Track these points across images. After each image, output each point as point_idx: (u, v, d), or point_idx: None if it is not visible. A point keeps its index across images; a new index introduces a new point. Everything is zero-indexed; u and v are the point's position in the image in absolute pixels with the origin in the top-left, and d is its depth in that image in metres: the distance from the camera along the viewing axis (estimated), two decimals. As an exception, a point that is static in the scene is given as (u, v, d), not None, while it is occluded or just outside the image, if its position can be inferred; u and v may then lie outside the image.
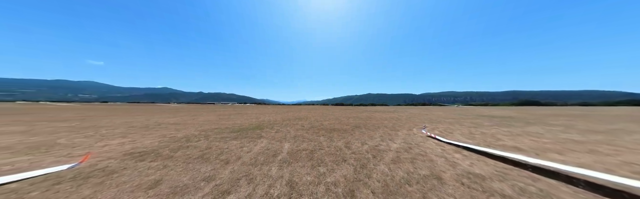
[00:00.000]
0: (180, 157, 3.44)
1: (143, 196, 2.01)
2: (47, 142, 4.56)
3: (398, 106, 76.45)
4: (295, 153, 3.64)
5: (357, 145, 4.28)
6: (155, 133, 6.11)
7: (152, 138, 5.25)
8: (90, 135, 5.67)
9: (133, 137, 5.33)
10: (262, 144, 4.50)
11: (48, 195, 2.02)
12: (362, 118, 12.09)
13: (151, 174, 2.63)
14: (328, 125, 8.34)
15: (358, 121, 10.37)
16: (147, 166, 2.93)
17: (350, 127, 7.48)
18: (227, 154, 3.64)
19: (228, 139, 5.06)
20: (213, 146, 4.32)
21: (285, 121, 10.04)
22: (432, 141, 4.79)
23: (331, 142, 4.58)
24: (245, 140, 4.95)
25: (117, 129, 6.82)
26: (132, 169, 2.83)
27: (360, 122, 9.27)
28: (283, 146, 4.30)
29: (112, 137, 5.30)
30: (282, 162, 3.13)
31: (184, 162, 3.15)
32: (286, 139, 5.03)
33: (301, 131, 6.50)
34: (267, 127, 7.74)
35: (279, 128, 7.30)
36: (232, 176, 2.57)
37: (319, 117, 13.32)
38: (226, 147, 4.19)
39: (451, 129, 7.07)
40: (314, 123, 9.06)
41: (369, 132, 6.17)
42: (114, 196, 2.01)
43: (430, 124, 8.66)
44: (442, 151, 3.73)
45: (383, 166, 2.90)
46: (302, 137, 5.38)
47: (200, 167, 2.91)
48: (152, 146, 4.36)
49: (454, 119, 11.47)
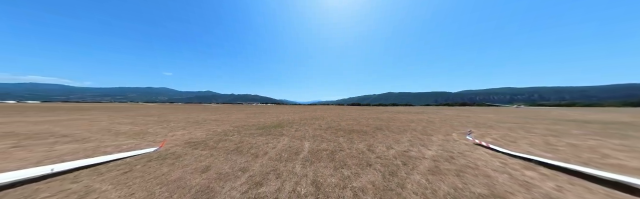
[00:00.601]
0: (221, 148, 4.14)
1: (198, 178, 2.53)
2: (142, 131, 6.49)
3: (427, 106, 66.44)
4: (316, 153, 3.73)
5: (382, 149, 4.02)
6: (203, 127, 7.63)
7: (201, 131, 6.59)
8: (164, 127, 7.70)
9: (189, 130, 6.84)
10: (284, 141, 4.83)
11: (145, 168, 2.89)
12: (384, 119, 11.29)
13: (203, 160, 3.29)
14: (346, 126, 8.16)
15: (379, 122, 9.74)
16: (200, 154, 3.68)
17: (371, 129, 7.05)
18: (256, 148, 4.11)
19: (255, 135, 5.72)
20: (244, 140, 4.99)
21: (303, 121, 10.41)
22: (483, 150, 3.94)
23: (352, 144, 4.47)
24: (269, 137, 5.46)
25: (179, 123, 8.89)
26: (190, 155, 3.62)
27: (381, 124, 8.78)
28: (303, 144, 4.47)
29: (177, 129, 6.95)
30: (304, 160, 3.26)
31: (224, 152, 3.77)
32: (306, 138, 5.22)
33: (319, 131, 6.60)
34: (287, 126, 8.23)
35: (298, 127, 7.64)
36: (262, 169, 2.87)
37: (335, 117, 13.23)
38: (254, 142, 4.76)
39: (512, 137, 5.60)
40: (330, 123, 9.07)
41: (394, 136, 5.70)
42: (180, 175, 2.63)
43: (477, 129, 7.31)
44: (502, 166, 2.97)
45: (418, 176, 2.59)
46: (321, 137, 5.45)
47: (236, 158, 3.40)
48: (202, 137, 5.46)
49: (515, 123, 9.23)
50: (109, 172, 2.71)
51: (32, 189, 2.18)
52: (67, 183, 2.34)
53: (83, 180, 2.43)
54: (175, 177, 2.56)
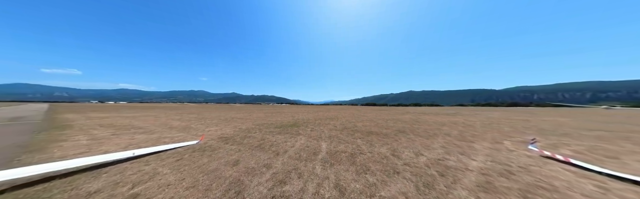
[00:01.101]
0: (247, 144, 4.59)
1: (230, 171, 2.85)
2: (187, 126, 7.89)
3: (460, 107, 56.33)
4: (334, 154, 3.65)
5: (409, 155, 3.60)
6: (231, 124, 8.67)
7: (230, 128, 7.50)
8: (202, 123, 9.17)
9: (221, 126, 7.91)
10: (302, 141, 4.94)
11: (191, 158, 3.49)
12: (406, 121, 10.26)
13: (232, 154, 3.71)
14: (363, 127, 7.77)
15: (400, 124, 8.90)
16: (230, 148, 4.16)
17: (392, 132, 6.48)
18: (276, 146, 4.35)
19: (274, 133, 6.10)
20: (265, 138, 5.39)
21: (317, 121, 10.49)
22: (559, 166, 2.98)
23: (372, 147, 4.20)
24: (287, 136, 5.71)
25: (213, 120, 10.42)
26: (222, 149, 4.15)
27: (404, 126, 8.15)
28: (321, 145, 4.47)
29: (211, 126, 8.11)
30: (323, 162, 3.21)
31: (249, 148, 4.15)
32: (322, 139, 5.21)
33: (335, 132, 6.50)
34: (302, 125, 8.45)
35: (313, 127, 7.73)
36: (284, 167, 2.98)
37: (349, 118, 12.84)
38: (274, 140, 5.06)
39: (611, 150, 3.99)
40: (346, 124, 8.82)
41: (422, 140, 5.07)
42: (216, 166, 3.03)
43: (543, 137, 5.65)
44: (601, 191, 2.08)
45: (463, 191, 2.13)
46: (338, 138, 5.34)
47: (260, 154, 3.68)
48: (231, 133, 6.19)
49: (609, 131, 6.74)
50: (167, 158, 3.40)
51: (123, 167, 2.96)
52: (142, 165, 3.05)
53: (151, 164, 3.12)
54: (213, 168, 2.97)
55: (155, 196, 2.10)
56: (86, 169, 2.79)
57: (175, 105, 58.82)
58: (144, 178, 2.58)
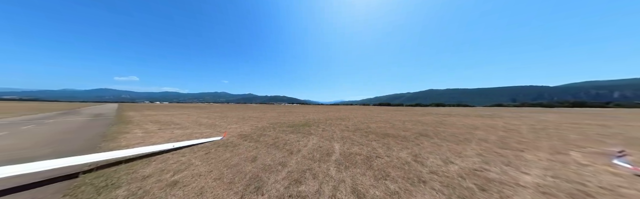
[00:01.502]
0: (263, 142, 4.89)
1: (250, 166, 3.08)
2: (213, 123, 9.04)
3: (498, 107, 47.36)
4: (348, 156, 3.55)
5: (436, 162, 3.19)
6: (248, 123, 9.42)
7: (248, 126, 8.15)
8: (225, 121, 10.46)
9: (240, 124, 8.71)
10: (314, 141, 4.98)
11: (216, 152, 3.92)
12: (427, 123, 9.29)
13: (251, 151, 4.00)
14: (377, 129, 7.36)
15: (421, 126, 8.13)
16: (248, 145, 4.51)
17: (412, 135, 5.91)
18: (290, 145, 4.50)
19: (287, 133, 6.32)
20: (279, 136, 5.64)
21: (328, 121, 10.44)
22: None
23: (389, 151, 3.94)
24: (299, 135, 5.85)
25: (233, 119, 11.57)
26: (242, 145, 4.53)
27: (426, 129, 7.40)
28: (333, 145, 4.41)
29: (232, 123, 9.19)
30: (338, 164, 3.13)
31: (265, 146, 4.41)
32: (334, 139, 5.14)
33: (347, 133, 6.34)
34: (314, 125, 8.53)
35: (325, 127, 7.72)
36: (298, 166, 3.02)
37: (361, 118, 12.36)
38: (287, 139, 5.25)
39: None
40: (358, 125, 8.52)
41: (450, 146, 4.46)
42: (237, 162, 3.32)
43: (635, 148, 4.31)
44: None
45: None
46: (351, 139, 5.18)
47: (275, 152, 3.86)
48: (248, 131, 6.72)
49: None
50: (198, 151, 3.91)
51: (166, 157, 3.55)
52: (179, 156, 3.59)
53: (186, 156, 3.63)
54: (235, 162, 3.26)
55: (190, 184, 2.43)
56: (141, 157, 3.47)
57: (203, 105, 70.79)
58: (181, 167, 3.02)
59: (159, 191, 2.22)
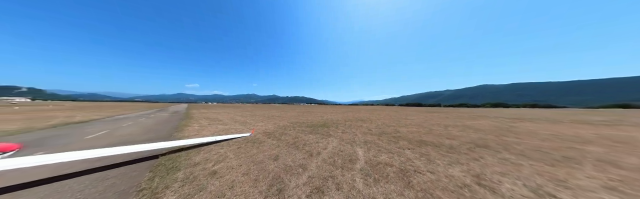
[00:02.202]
0: (283, 141, 5.11)
1: (272, 165, 3.19)
2: (245, 121, 10.53)
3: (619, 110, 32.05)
4: (376, 166, 3.05)
5: (520, 191, 2.11)
6: (272, 121, 10.27)
7: (271, 124, 8.87)
8: (254, 119, 11.87)
9: (265, 123, 9.62)
10: (333, 143, 4.72)
11: (245, 147, 4.40)
12: (484, 130, 6.99)
13: (273, 149, 4.23)
14: (409, 134, 6.20)
15: (474, 134, 6.17)
16: (271, 143, 4.82)
17: (463, 145, 4.49)
18: (309, 146, 4.45)
19: (306, 133, 6.38)
20: (299, 136, 5.76)
21: (347, 122, 9.94)
22: None
23: (432, 165, 3.08)
24: (318, 136, 5.76)
25: (260, 117, 12.94)
26: (266, 142, 4.89)
27: (483, 139, 5.47)
28: (356, 151, 3.98)
29: (259, 121, 10.27)
30: (364, 174, 2.71)
31: (286, 145, 4.57)
32: (356, 144, 4.69)
33: (370, 136, 5.69)
34: (332, 126, 8.29)
35: (344, 129, 7.33)
36: (319, 172, 2.81)
37: (386, 120, 11.08)
38: (307, 139, 5.27)
39: None
40: (383, 128, 7.57)
41: (540, 167, 2.96)
42: (262, 159, 3.55)
43: None
44: None
45: None
46: (376, 145, 4.55)
47: (296, 153, 3.88)
48: (272, 129, 7.27)
49: None
50: (232, 145, 4.51)
51: (210, 148, 4.29)
52: (219, 148, 4.26)
53: (224, 148, 4.26)
54: (260, 159, 3.49)
55: (225, 175, 2.75)
56: (194, 147, 4.34)
57: (238, 105, 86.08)
58: (220, 158, 3.54)
59: (203, 179, 2.64)
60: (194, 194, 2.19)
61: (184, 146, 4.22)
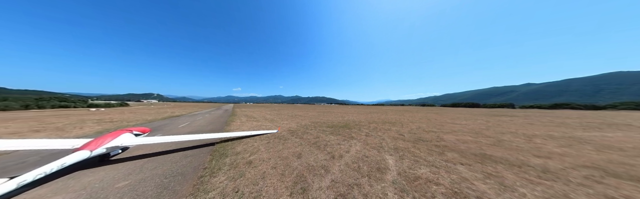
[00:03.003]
0: (305, 139, 5.35)
1: (296, 162, 3.40)
2: (273, 119, 12.04)
3: None
4: (414, 182, 2.45)
5: None
6: (295, 120, 11.03)
7: (294, 123, 9.53)
8: (280, 117, 13.16)
9: (289, 121, 10.49)
10: (357, 147, 4.42)
11: (273, 143, 4.97)
12: (627, 150, 4.07)
13: (297, 147, 4.49)
14: (460, 144, 4.78)
15: (598, 154, 3.79)
16: (294, 141, 5.15)
17: (571, 169, 2.84)
18: (330, 147, 4.40)
19: (327, 133, 6.37)
20: (320, 136, 5.86)
21: (372, 124, 9.11)
22: None
23: (515, 196, 2.03)
24: (339, 137, 5.61)
25: (284, 116, 14.22)
26: (290, 140, 5.29)
27: (633, 166, 3.19)
28: (385, 158, 3.52)
29: (284, 120, 11.33)
30: (399, 189, 2.25)
31: (308, 144, 4.74)
32: (384, 150, 4.15)
33: (402, 143, 4.88)
34: (354, 127, 7.86)
35: (369, 132, 6.75)
36: (343, 177, 2.66)
37: (423, 124, 9.33)
38: (328, 140, 5.25)
39: None
40: (420, 134, 6.34)
41: None
42: (287, 155, 3.85)
43: None
44: None
45: None
46: (412, 154, 3.78)
47: (317, 153, 3.94)
48: (295, 128, 7.80)
49: None
50: (263, 140, 5.20)
51: (247, 141, 5.14)
52: (253, 141, 5.03)
53: (257, 142, 4.99)
54: (285, 155, 3.80)
55: (258, 166, 3.19)
56: (237, 138, 5.35)
57: (267, 105, 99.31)
58: (254, 150, 4.17)
59: (242, 166, 3.19)
60: (236, 178, 2.70)
61: (230, 137, 5.33)
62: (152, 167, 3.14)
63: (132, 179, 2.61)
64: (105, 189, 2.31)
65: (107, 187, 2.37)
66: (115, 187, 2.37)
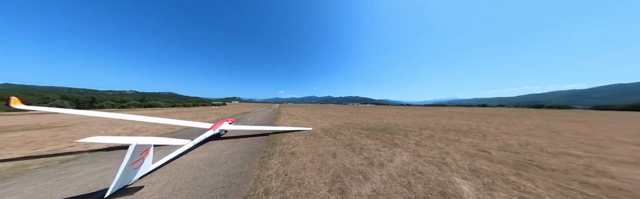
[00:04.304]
0: (339, 139, 5.34)
1: (332, 161, 3.50)
2: (308, 117, 13.17)
3: None
4: None
5: None
6: (328, 120, 11.33)
7: (327, 122, 9.84)
8: (314, 116, 14.10)
9: (322, 120, 10.99)
10: (403, 157, 3.68)
11: (309, 139, 5.44)
12: None
13: (331, 146, 4.61)
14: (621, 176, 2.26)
15: None
16: (328, 140, 5.31)
17: None
18: (367, 152, 4.04)
19: (362, 136, 5.91)
20: (353, 138, 5.59)
21: (425, 130, 7.17)
22: None
23: None
24: (378, 143, 5.00)
25: (318, 115, 15.15)
26: (324, 138, 5.53)
27: None
28: (454, 182, 2.45)
29: (317, 119, 12.02)
30: None
31: (341, 145, 4.69)
32: (451, 169, 2.98)
33: (488, 164, 3.24)
34: (398, 133, 6.63)
35: (419, 140, 5.39)
36: (387, 190, 2.29)
37: (538, 137, 5.67)
38: (364, 143, 4.87)
39: None
40: (529, 153, 3.92)
41: None
42: (322, 152, 4.09)
43: None
44: None
45: None
46: (514, 186, 2.27)
47: (352, 156, 3.78)
48: (328, 127, 8.05)
49: None
50: (301, 136, 5.86)
51: (288, 134, 6.01)
52: (293, 135, 5.82)
53: (297, 136, 5.73)
54: (321, 152, 4.04)
55: (299, 157, 3.67)
56: (282, 132, 6.46)
57: (303, 105, 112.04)
58: (295, 143, 4.83)
59: (287, 155, 3.84)
60: (284, 164, 3.30)
61: (277, 130, 6.60)
62: (238, 145, 4.71)
63: (230, 151, 4.14)
64: (221, 154, 3.91)
65: (221, 152, 4.00)
66: (224, 153, 3.92)
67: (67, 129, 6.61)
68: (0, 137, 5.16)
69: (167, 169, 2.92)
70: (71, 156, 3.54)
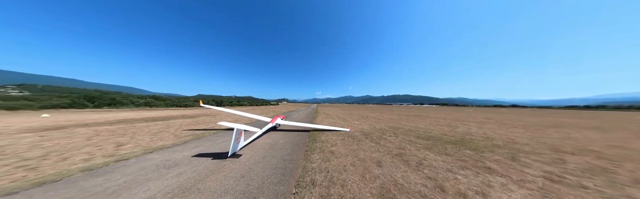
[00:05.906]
0: (384, 146, 4.60)
1: (377, 170, 3.05)
2: (345, 118, 12.79)
3: None
4: None
5: None
6: (367, 122, 10.22)
7: (366, 125, 8.86)
8: (351, 117, 13.46)
9: (360, 122, 10.10)
10: (516, 196, 2.14)
11: (348, 140, 5.24)
12: None
13: (374, 152, 4.07)
14: None
15: None
16: (370, 145, 4.74)
17: None
18: (431, 170, 3.03)
19: (419, 147, 4.58)
20: (405, 147, 4.50)
21: (568, 155, 3.81)
22: None
23: None
24: (451, 159, 3.58)
25: (355, 116, 14.11)
26: (363, 141, 5.05)
27: None
28: None
29: (355, 120, 11.26)
30: None
31: (386, 152, 4.00)
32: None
33: None
34: (489, 150, 4.29)
35: (554, 170, 3.05)
36: None
37: None
38: (422, 157, 3.74)
39: None
40: None
41: None
42: (363, 157, 3.71)
43: None
44: None
45: None
46: None
47: (405, 170, 3.04)
48: (368, 130, 7.23)
49: None
50: (338, 136, 5.81)
51: (326, 133, 6.19)
52: (330, 134, 5.89)
53: (334, 136, 5.76)
54: (362, 157, 3.70)
55: (339, 157, 3.64)
56: (320, 130, 6.81)
57: (339, 105, 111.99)
58: (334, 143, 4.86)
59: (327, 153, 3.96)
60: (325, 161, 3.44)
61: (316, 128, 7.10)
62: (288, 136, 5.71)
63: (284, 141, 5.17)
64: (277, 142, 5.00)
65: (278, 141, 5.11)
66: (279, 142, 4.97)
67: (213, 117, 12.34)
68: (198, 119, 10.95)
69: (250, 147, 4.41)
70: (215, 131, 6.64)
